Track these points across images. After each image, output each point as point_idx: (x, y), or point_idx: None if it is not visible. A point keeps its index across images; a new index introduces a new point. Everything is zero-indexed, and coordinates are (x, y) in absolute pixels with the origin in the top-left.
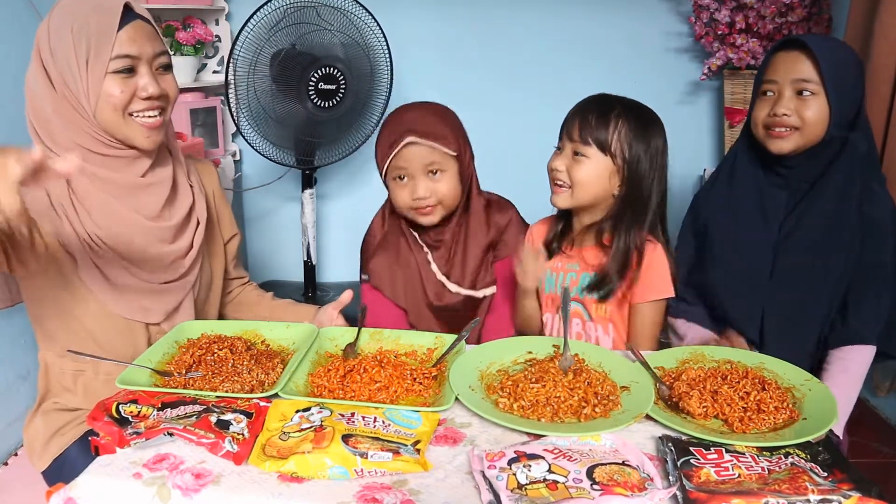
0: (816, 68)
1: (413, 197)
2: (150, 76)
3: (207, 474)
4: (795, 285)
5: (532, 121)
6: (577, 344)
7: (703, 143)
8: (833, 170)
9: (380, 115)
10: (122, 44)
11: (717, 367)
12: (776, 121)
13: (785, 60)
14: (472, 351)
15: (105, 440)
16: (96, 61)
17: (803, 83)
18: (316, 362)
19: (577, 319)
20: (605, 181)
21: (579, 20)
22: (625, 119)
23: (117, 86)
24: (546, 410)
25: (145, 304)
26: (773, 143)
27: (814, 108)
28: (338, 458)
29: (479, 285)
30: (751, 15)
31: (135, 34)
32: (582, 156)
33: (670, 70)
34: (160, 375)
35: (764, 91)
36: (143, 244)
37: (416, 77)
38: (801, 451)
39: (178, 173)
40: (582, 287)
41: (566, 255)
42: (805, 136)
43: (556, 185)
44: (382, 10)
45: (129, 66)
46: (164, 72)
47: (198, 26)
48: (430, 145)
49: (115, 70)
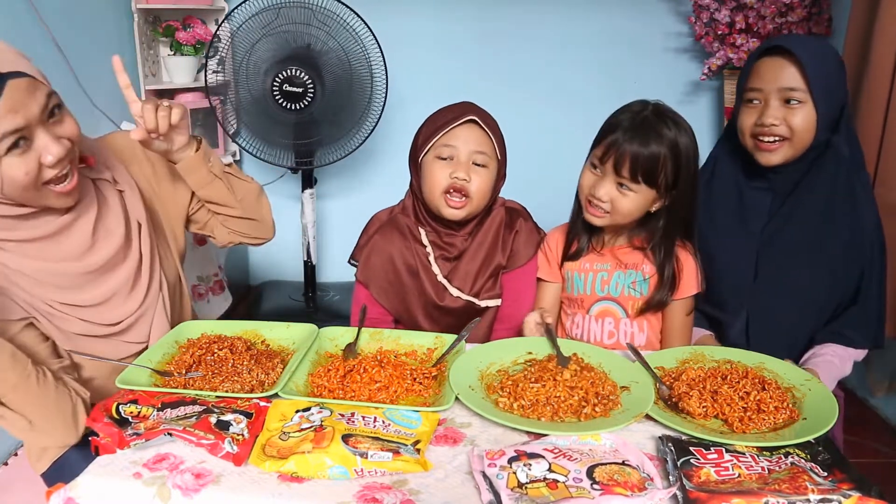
0: (803, 75)
1: (453, 175)
2: (48, 137)
3: (207, 474)
4: (780, 288)
5: (533, 120)
6: (578, 344)
7: (702, 143)
8: (816, 171)
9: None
10: (3, 120)
11: (717, 367)
12: (764, 130)
13: (770, 68)
14: (472, 351)
15: (105, 441)
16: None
17: (790, 92)
18: (316, 362)
19: (610, 318)
20: (648, 206)
21: (579, 20)
22: (672, 157)
23: (19, 167)
24: (546, 410)
25: (127, 339)
26: (763, 155)
27: (801, 115)
28: (338, 458)
29: (483, 296)
30: (751, 15)
31: (13, 102)
32: (628, 189)
33: (670, 70)
34: (160, 375)
35: (749, 99)
36: (89, 287)
37: (415, 77)
38: (801, 450)
39: (101, 187)
40: (616, 284)
41: (597, 254)
42: (794, 146)
43: (594, 208)
44: (381, 11)
45: (20, 137)
46: (59, 115)
47: (198, 26)
48: (487, 133)
49: (8, 149)
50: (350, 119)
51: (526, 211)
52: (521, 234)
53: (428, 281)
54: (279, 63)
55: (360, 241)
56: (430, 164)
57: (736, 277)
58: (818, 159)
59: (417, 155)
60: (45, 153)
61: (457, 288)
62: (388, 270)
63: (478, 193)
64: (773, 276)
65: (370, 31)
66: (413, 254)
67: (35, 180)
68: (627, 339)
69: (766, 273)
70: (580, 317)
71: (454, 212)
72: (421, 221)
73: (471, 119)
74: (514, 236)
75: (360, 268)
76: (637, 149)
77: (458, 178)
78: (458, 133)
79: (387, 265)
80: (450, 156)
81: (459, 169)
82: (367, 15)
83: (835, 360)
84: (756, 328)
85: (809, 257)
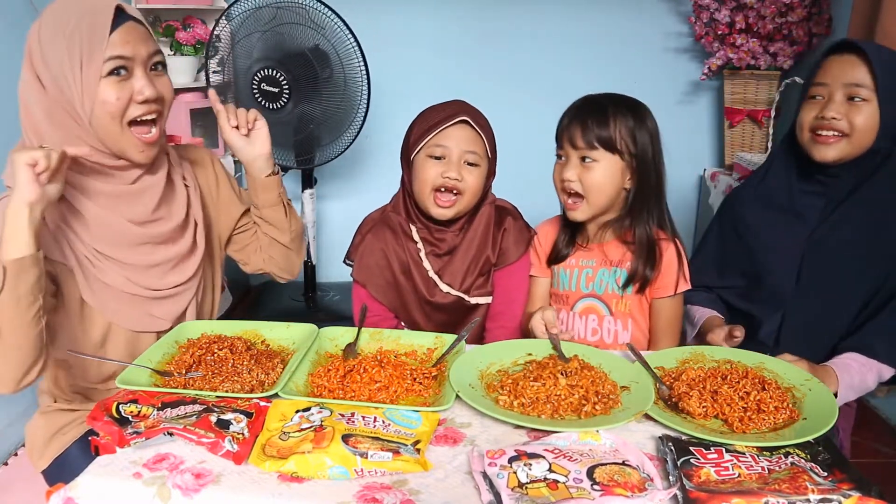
0: (871, 74)
1: (444, 175)
2: (146, 78)
3: (207, 474)
4: (821, 295)
5: (532, 120)
6: (578, 346)
7: (703, 143)
8: (874, 182)
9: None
10: (114, 45)
11: (717, 367)
12: (824, 124)
13: (838, 64)
14: (472, 351)
15: (105, 440)
16: (90, 64)
17: (856, 88)
18: (316, 362)
19: (594, 315)
20: (618, 180)
21: (579, 20)
22: (621, 113)
23: (112, 90)
24: (546, 408)
25: (154, 312)
26: (818, 149)
27: (864, 114)
28: (338, 458)
29: (473, 292)
30: (751, 15)
31: (127, 35)
32: (591, 160)
33: (670, 70)
34: (160, 375)
35: (812, 95)
36: (141, 251)
37: (415, 76)
38: (801, 450)
39: (173, 174)
40: (600, 282)
41: (584, 250)
42: (852, 145)
43: (570, 197)
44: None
45: (122, 66)
46: (159, 71)
47: (198, 26)
48: (478, 133)
49: (109, 72)
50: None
51: (516, 210)
52: (510, 231)
53: (419, 277)
54: (260, 62)
55: (354, 240)
56: (422, 163)
57: (778, 278)
58: (878, 169)
59: (409, 153)
60: (138, 90)
61: (447, 284)
62: (383, 268)
63: (469, 192)
64: (816, 283)
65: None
66: (405, 250)
67: (122, 111)
68: (611, 337)
69: (809, 278)
70: (564, 313)
71: (442, 211)
72: (412, 218)
73: (462, 119)
74: (502, 234)
75: (356, 268)
76: (584, 116)
77: (449, 178)
78: (449, 133)
79: (381, 263)
80: (441, 155)
81: (451, 169)
82: (365, 14)
83: (853, 365)
84: (788, 331)
85: (855, 267)
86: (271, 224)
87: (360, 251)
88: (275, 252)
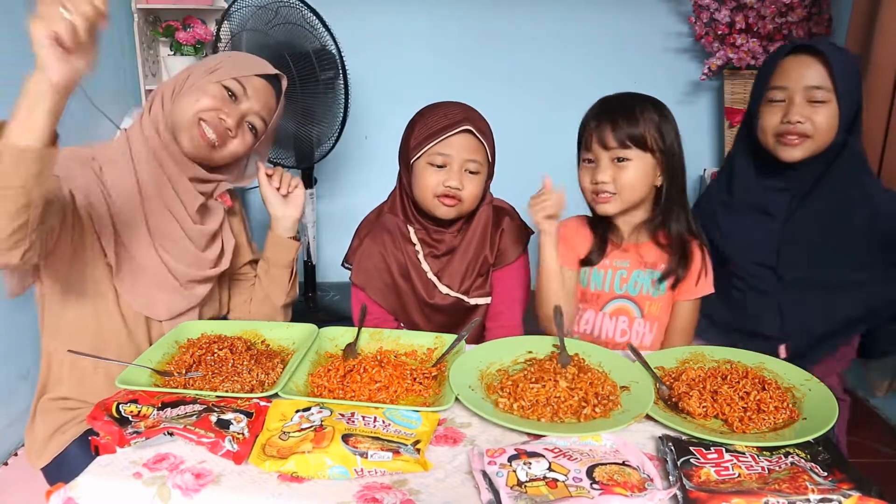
0: (829, 74)
1: (446, 184)
2: (238, 117)
3: (207, 474)
4: (806, 283)
5: (532, 120)
6: (578, 344)
7: (703, 143)
8: (833, 171)
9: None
10: (248, 80)
11: (717, 367)
12: (790, 128)
13: (796, 66)
14: (472, 351)
15: (105, 440)
16: (222, 72)
17: (816, 90)
18: (316, 362)
19: (625, 317)
20: (650, 177)
21: (579, 20)
22: (647, 111)
23: (212, 94)
24: (546, 410)
25: (156, 296)
26: (785, 151)
27: (825, 114)
28: (338, 458)
29: (472, 293)
30: (751, 15)
31: (262, 88)
32: (625, 160)
33: (670, 70)
34: (160, 375)
35: (772, 98)
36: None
37: (416, 76)
38: (801, 450)
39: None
40: (635, 283)
41: (620, 251)
42: (816, 143)
43: (601, 196)
44: (380, 10)
45: (235, 93)
46: (249, 128)
47: (198, 26)
48: (482, 141)
49: (225, 85)
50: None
51: (513, 210)
52: (508, 232)
53: (418, 279)
54: None
55: (352, 244)
56: (423, 170)
57: (759, 276)
58: (835, 159)
59: (409, 156)
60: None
61: (446, 285)
62: (382, 271)
63: (469, 198)
64: (797, 274)
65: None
66: (403, 253)
67: (205, 108)
68: (639, 339)
69: (789, 271)
70: (591, 313)
71: (448, 211)
72: (409, 219)
73: (466, 129)
74: (500, 234)
75: (354, 271)
76: (615, 116)
77: (451, 187)
78: (451, 142)
79: (380, 266)
80: (443, 163)
81: (452, 178)
82: (365, 14)
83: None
84: (791, 321)
85: (829, 252)
86: (274, 283)
87: (359, 255)
88: (264, 309)
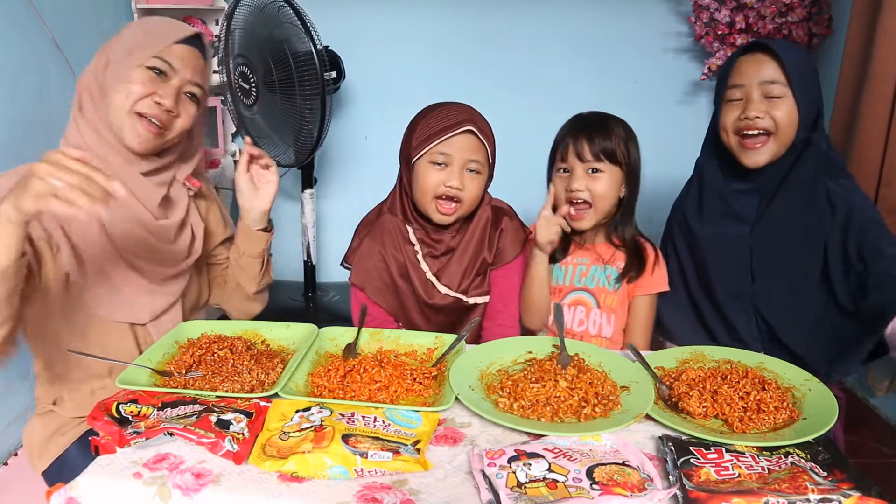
0: (782, 69)
1: (446, 184)
2: (174, 95)
3: (207, 474)
4: (780, 284)
5: (531, 120)
6: (578, 344)
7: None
8: (798, 169)
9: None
10: (169, 52)
11: (717, 367)
12: (749, 124)
13: (750, 64)
14: (472, 351)
15: (105, 440)
16: (141, 52)
17: (770, 85)
18: (316, 362)
19: (582, 307)
20: (617, 188)
21: (579, 21)
22: (617, 128)
23: (139, 80)
24: (546, 410)
25: (134, 302)
26: (748, 155)
27: (783, 109)
28: (338, 458)
29: (471, 293)
30: (751, 15)
31: (185, 54)
32: (598, 171)
33: (670, 70)
34: (160, 375)
35: (730, 98)
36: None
37: (415, 76)
38: (801, 450)
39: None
40: (593, 277)
41: (582, 249)
42: (779, 142)
43: (575, 206)
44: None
45: (164, 71)
46: (188, 99)
47: (198, 26)
48: (482, 141)
49: (149, 66)
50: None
51: (512, 209)
52: (507, 232)
53: (417, 279)
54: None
55: (352, 244)
56: (424, 169)
57: (735, 280)
58: (800, 157)
59: (410, 155)
60: (161, 94)
61: (445, 285)
62: (381, 271)
63: (469, 199)
64: (771, 275)
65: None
66: (402, 253)
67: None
68: (597, 329)
69: (763, 272)
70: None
71: (444, 217)
72: (408, 219)
73: (468, 129)
74: (499, 234)
75: (354, 272)
76: (589, 131)
77: (451, 187)
78: (453, 141)
79: (379, 266)
80: (444, 162)
81: (453, 178)
82: (365, 15)
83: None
84: (765, 324)
85: (799, 249)
86: (243, 271)
87: (358, 255)
88: (236, 296)
